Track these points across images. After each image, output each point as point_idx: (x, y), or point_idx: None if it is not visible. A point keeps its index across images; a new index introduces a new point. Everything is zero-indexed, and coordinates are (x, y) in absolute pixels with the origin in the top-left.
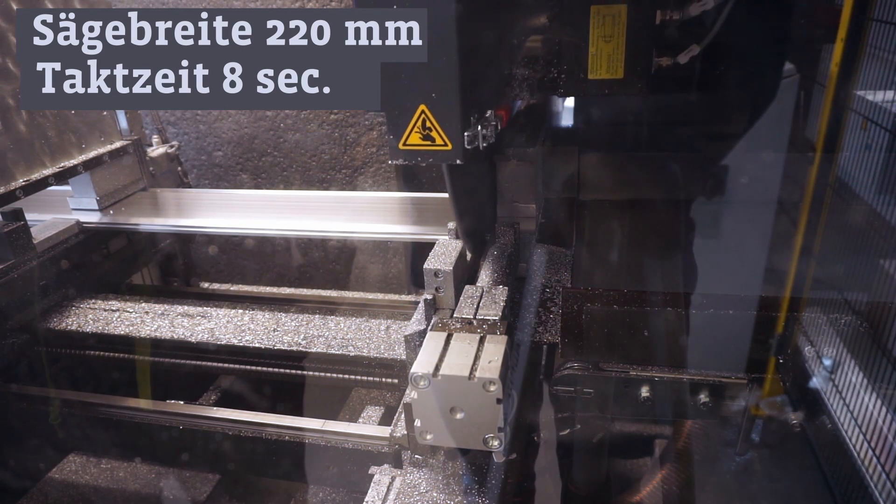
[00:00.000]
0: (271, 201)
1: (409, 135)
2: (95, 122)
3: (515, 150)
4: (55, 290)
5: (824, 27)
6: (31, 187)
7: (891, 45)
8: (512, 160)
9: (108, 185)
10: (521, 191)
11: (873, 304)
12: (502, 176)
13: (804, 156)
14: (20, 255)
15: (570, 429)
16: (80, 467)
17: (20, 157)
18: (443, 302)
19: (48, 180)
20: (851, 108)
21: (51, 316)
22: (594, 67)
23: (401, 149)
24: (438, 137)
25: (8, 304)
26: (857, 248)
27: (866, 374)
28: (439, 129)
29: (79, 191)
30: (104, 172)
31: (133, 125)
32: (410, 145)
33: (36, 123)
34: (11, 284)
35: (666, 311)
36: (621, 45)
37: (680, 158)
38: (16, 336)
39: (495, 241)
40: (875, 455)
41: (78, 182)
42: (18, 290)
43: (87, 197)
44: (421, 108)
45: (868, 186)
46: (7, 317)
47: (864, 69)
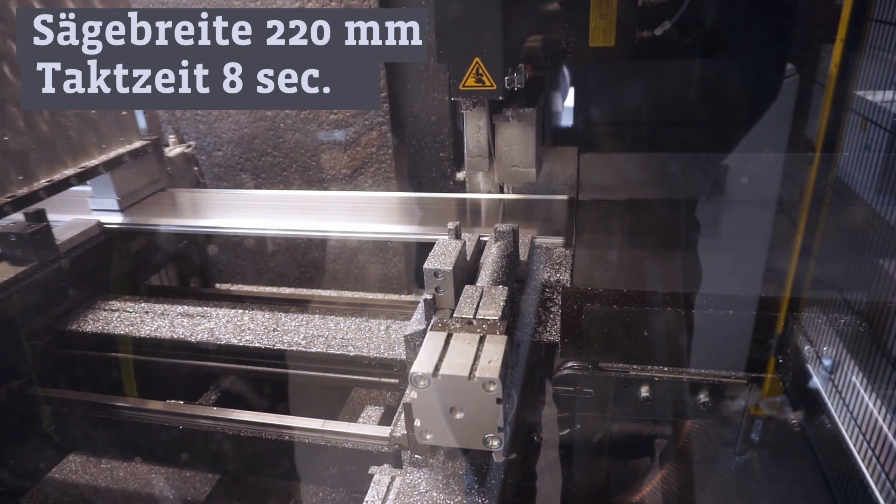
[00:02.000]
0: (285, 201)
1: (467, 79)
2: (115, 122)
3: (514, 111)
4: (77, 291)
5: (824, 27)
6: (53, 188)
7: (891, 45)
8: (511, 120)
9: (128, 185)
10: (521, 154)
11: (873, 304)
12: (501, 139)
13: (797, 154)
14: (43, 256)
15: (570, 429)
16: (80, 467)
17: (42, 158)
18: (443, 302)
19: (70, 181)
20: (851, 109)
21: (70, 318)
22: (594, 38)
23: (461, 89)
24: (487, 81)
25: (31, 306)
26: (856, 248)
27: (866, 374)
28: (488, 75)
29: (99, 191)
30: (124, 173)
31: (152, 125)
32: (468, 87)
33: (58, 123)
34: (35, 286)
35: (666, 310)
36: (613, 21)
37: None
38: (38, 338)
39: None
40: (875, 455)
41: (98, 182)
42: (41, 291)
43: (108, 197)
44: (476, 60)
45: (868, 186)
46: (30, 319)
47: (864, 69)
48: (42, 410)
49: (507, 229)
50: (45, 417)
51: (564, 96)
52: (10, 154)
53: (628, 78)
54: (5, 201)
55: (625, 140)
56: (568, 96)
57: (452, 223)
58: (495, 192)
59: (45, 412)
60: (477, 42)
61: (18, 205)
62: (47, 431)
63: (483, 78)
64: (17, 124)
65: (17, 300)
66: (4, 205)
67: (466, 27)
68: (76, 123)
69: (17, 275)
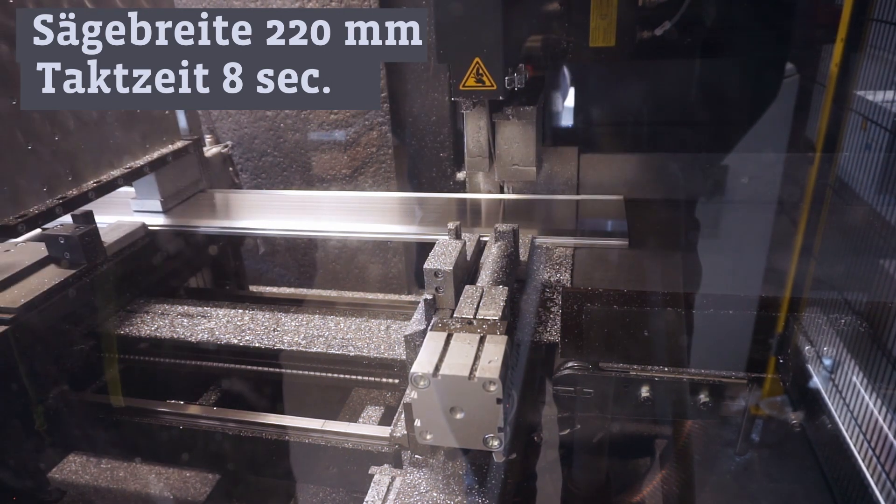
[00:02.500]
0: (318, 201)
1: (467, 79)
2: (158, 122)
3: (514, 109)
4: (122, 294)
5: (824, 27)
6: (102, 188)
7: (891, 45)
8: (511, 118)
9: (171, 185)
10: (521, 153)
11: (873, 304)
12: (501, 137)
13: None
14: (92, 258)
15: (570, 429)
16: (80, 467)
17: (90, 158)
18: (443, 302)
19: (118, 181)
20: (851, 108)
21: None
22: (594, 38)
23: (461, 89)
24: (488, 81)
25: (82, 309)
26: (857, 248)
27: (866, 374)
28: (488, 75)
29: (142, 192)
30: (168, 173)
31: (192, 124)
32: (468, 87)
33: (104, 122)
34: (85, 289)
35: (666, 310)
36: (614, 21)
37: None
38: (85, 342)
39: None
40: (875, 455)
41: (141, 183)
42: (91, 294)
43: (152, 198)
44: (476, 60)
45: (868, 186)
46: (79, 322)
47: (864, 69)
48: (35, 410)
49: (508, 229)
50: (38, 416)
51: (564, 96)
52: (60, 154)
53: (629, 78)
54: (56, 203)
55: (625, 140)
56: (568, 96)
57: (453, 223)
58: (496, 192)
59: (37, 412)
60: (477, 42)
61: (69, 206)
62: (39, 431)
63: (483, 78)
64: (67, 124)
65: (66, 304)
66: (56, 206)
67: (466, 27)
68: (122, 123)
69: (67, 278)
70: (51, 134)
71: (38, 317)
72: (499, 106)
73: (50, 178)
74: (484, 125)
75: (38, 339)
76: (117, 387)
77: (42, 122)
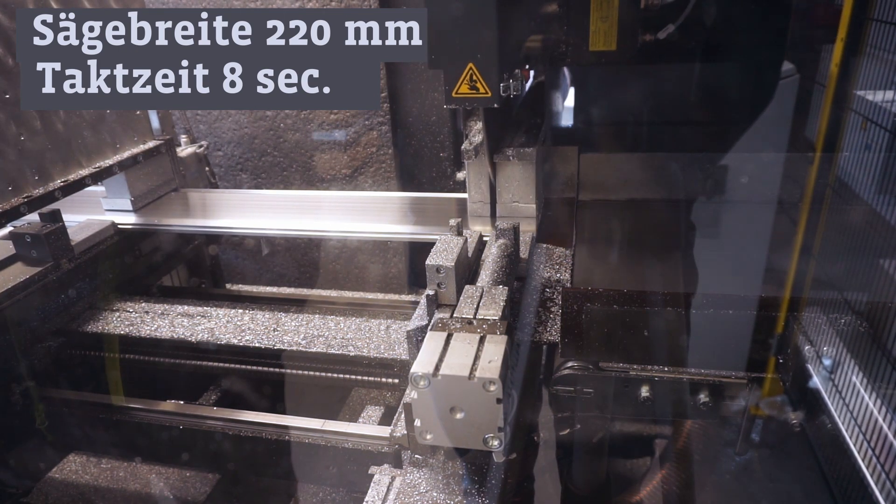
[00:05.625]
0: (297, 201)
1: (460, 86)
2: (129, 122)
3: (516, 151)
4: (91, 292)
5: (824, 27)
6: (69, 188)
7: (891, 45)
8: (512, 159)
9: (142, 185)
10: (521, 191)
11: (873, 304)
12: (502, 176)
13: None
14: (59, 256)
15: (570, 429)
16: (80, 467)
17: (58, 157)
18: (444, 298)
19: (85, 181)
20: (851, 108)
21: (82, 319)
22: (594, 42)
23: (454, 97)
24: (482, 88)
25: (46, 307)
26: (856, 248)
27: (866, 374)
28: (482, 82)
29: (112, 191)
30: (138, 173)
31: (164, 125)
32: (461, 94)
33: (73, 123)
34: (51, 287)
35: (666, 310)
36: (614, 24)
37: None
38: (52, 339)
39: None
40: (875, 455)
41: (112, 182)
42: (57, 292)
43: (122, 197)
44: (469, 65)
45: (868, 186)
46: (46, 320)
47: (864, 69)
48: (36, 408)
49: (508, 227)
50: (39, 415)
51: (564, 96)
52: (26, 154)
53: (629, 77)
54: (21, 201)
55: (625, 142)
56: (568, 96)
57: (454, 220)
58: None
59: (38, 410)
60: (470, 47)
61: (34, 205)
62: (41, 429)
63: (477, 84)
64: (34, 124)
65: (32, 301)
66: (21, 205)
67: (460, 31)
68: (91, 123)
69: (32, 275)
70: (16, 134)
71: (3, 313)
72: (499, 147)
73: (15, 178)
74: (485, 173)
75: (3, 335)
76: (89, 384)
77: (7, 123)
